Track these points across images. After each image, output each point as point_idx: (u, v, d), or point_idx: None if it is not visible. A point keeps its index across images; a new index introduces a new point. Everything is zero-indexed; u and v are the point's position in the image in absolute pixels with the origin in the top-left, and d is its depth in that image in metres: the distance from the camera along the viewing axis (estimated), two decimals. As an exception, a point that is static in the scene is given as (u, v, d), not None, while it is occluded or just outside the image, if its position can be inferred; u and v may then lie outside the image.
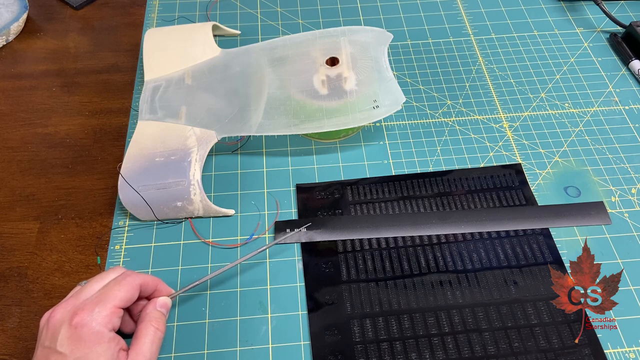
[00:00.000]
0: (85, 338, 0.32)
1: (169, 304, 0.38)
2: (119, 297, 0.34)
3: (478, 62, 0.60)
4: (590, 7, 0.66)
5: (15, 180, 0.50)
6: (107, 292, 0.34)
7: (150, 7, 0.66)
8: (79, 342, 0.32)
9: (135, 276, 0.36)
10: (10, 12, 0.62)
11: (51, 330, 0.33)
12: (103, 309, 0.33)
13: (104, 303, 0.34)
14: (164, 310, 0.37)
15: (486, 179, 0.49)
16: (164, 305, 0.38)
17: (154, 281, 0.38)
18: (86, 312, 0.33)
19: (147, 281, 0.37)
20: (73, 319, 0.32)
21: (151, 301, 0.37)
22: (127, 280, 0.35)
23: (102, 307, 0.33)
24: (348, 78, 0.49)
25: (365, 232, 0.46)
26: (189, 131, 0.48)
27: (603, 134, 0.53)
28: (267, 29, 0.63)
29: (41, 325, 0.34)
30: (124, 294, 0.35)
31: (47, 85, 0.58)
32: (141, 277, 0.37)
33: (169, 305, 0.38)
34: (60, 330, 0.32)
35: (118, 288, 0.35)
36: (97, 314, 0.33)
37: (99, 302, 0.34)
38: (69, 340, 0.32)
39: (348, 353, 0.39)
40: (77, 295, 0.35)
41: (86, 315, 0.33)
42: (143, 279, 0.37)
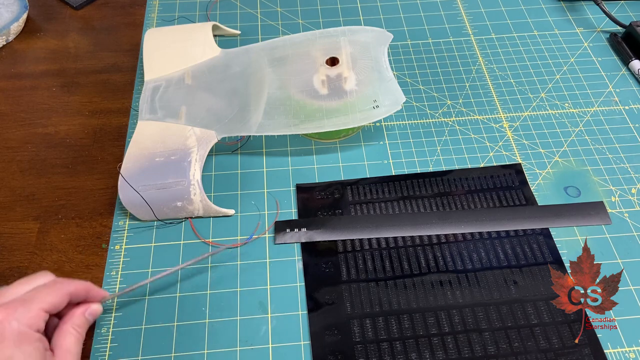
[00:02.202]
0: (9, 338, 0.30)
1: (99, 311, 0.37)
2: (46, 300, 0.33)
3: (478, 62, 0.60)
4: (590, 7, 0.66)
5: (15, 180, 0.50)
6: (34, 295, 0.33)
7: (150, 7, 0.66)
8: (2, 342, 0.30)
9: (67, 283, 0.35)
10: (10, 12, 0.62)
11: None
12: (28, 310, 0.32)
13: (30, 304, 0.32)
14: (91, 318, 0.36)
15: (486, 179, 0.49)
16: (93, 312, 0.36)
17: (85, 289, 0.36)
18: (10, 311, 0.31)
19: (77, 290, 0.35)
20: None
21: (81, 306, 0.36)
22: (57, 287, 0.34)
23: (27, 308, 0.32)
24: (348, 78, 0.49)
25: (365, 232, 0.46)
26: (189, 131, 0.48)
27: (603, 134, 0.53)
28: (267, 29, 0.63)
29: None
30: (52, 299, 0.33)
31: (47, 85, 0.58)
32: (73, 285, 0.35)
33: (99, 312, 0.37)
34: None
35: (47, 292, 0.33)
36: (21, 314, 0.31)
37: (24, 302, 0.32)
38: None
39: (348, 353, 0.39)
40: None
41: (8, 315, 0.31)
42: (75, 287, 0.35)
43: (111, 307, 0.42)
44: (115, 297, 0.39)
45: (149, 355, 0.40)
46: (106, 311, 0.42)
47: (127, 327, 0.41)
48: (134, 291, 0.41)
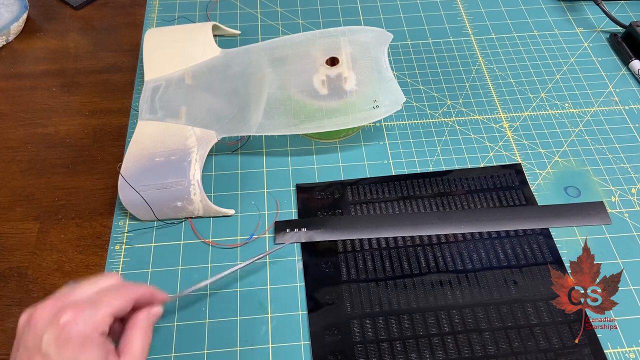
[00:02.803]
0: (74, 340, 0.30)
1: (160, 314, 0.36)
2: (113, 305, 0.32)
3: (478, 62, 0.60)
4: (590, 7, 0.66)
5: (15, 180, 0.50)
6: (101, 298, 0.32)
7: (150, 7, 0.66)
8: (67, 344, 0.29)
9: (133, 288, 0.34)
10: (10, 12, 0.62)
11: (34, 329, 0.30)
12: (94, 314, 0.31)
13: (97, 307, 0.31)
14: (155, 319, 0.36)
15: (486, 179, 0.49)
16: (156, 314, 0.36)
17: (150, 294, 0.36)
18: (77, 313, 0.30)
19: (143, 295, 0.35)
20: (61, 318, 0.30)
21: (144, 309, 0.35)
22: (124, 291, 0.33)
23: (94, 312, 0.31)
24: (348, 78, 0.49)
25: (365, 232, 0.46)
26: (189, 131, 0.48)
27: (603, 134, 0.53)
28: (267, 29, 0.63)
29: (20, 324, 0.31)
30: (119, 304, 0.32)
31: (47, 85, 0.58)
32: (139, 290, 0.35)
33: (160, 315, 0.36)
34: (46, 330, 0.30)
35: (114, 296, 0.33)
36: (88, 317, 0.31)
37: (91, 305, 0.31)
38: (56, 341, 0.29)
39: (348, 353, 0.39)
40: (64, 296, 0.32)
41: (76, 316, 0.30)
42: (141, 292, 0.35)
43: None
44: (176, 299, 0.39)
45: (149, 356, 0.39)
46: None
47: (127, 327, 0.41)
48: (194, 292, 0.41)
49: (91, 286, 0.33)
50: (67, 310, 0.30)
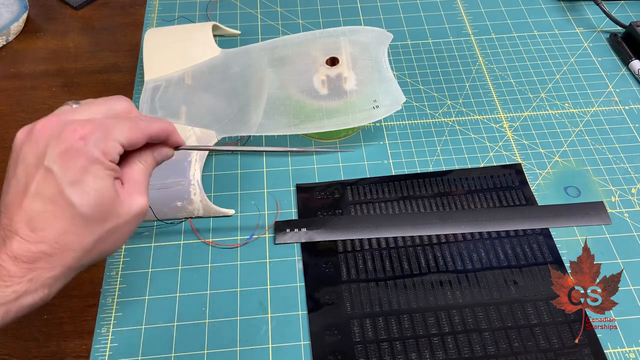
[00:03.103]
0: (82, 158, 0.26)
1: (168, 154, 0.33)
2: (126, 136, 0.28)
3: (478, 62, 0.60)
4: (590, 7, 0.66)
5: (15, 180, 0.50)
6: (114, 124, 0.28)
7: (150, 7, 0.66)
8: (75, 161, 0.26)
9: (149, 124, 0.30)
10: (10, 12, 0.62)
11: (36, 144, 0.27)
12: (105, 138, 0.27)
13: (109, 133, 0.28)
14: (160, 158, 0.32)
15: (486, 179, 0.49)
16: (162, 154, 0.32)
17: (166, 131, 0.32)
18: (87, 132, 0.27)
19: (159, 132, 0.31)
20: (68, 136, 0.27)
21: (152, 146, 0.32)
22: (141, 125, 0.30)
23: (105, 136, 0.27)
24: (348, 78, 0.49)
25: (365, 232, 0.46)
26: (189, 131, 0.48)
27: (603, 134, 0.53)
28: (267, 29, 0.63)
29: (18, 139, 0.28)
30: (132, 136, 0.29)
31: (47, 85, 0.58)
32: (155, 126, 0.31)
33: (168, 155, 0.33)
34: (50, 144, 0.27)
35: (128, 127, 0.29)
36: (99, 140, 0.27)
37: (103, 128, 0.28)
38: (62, 157, 0.26)
39: (348, 353, 0.39)
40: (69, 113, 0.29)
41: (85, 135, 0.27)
42: (157, 130, 0.31)
43: (111, 307, 0.42)
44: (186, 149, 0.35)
45: (149, 355, 0.40)
46: (106, 311, 0.42)
47: (127, 327, 0.41)
48: None
49: (100, 107, 0.30)
50: (76, 127, 0.27)
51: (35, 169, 0.27)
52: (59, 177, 0.26)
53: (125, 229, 0.30)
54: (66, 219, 0.27)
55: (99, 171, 0.27)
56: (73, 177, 0.26)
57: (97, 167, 0.27)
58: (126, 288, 0.43)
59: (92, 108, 0.29)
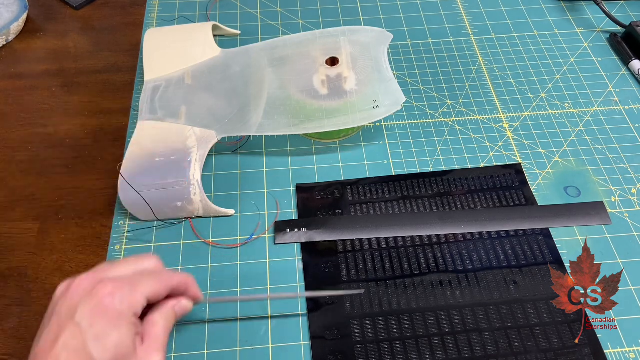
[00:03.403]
0: (109, 315, 0.29)
1: (188, 308, 0.36)
2: (151, 288, 0.32)
3: (478, 62, 0.60)
4: (590, 7, 0.66)
5: (15, 180, 0.50)
6: (141, 279, 0.32)
7: (150, 7, 0.66)
8: (101, 318, 0.29)
9: (172, 276, 0.34)
10: (10, 12, 0.62)
11: (70, 299, 0.30)
12: (132, 293, 0.31)
13: (136, 287, 0.31)
14: (180, 312, 0.35)
15: (486, 179, 0.49)
16: (183, 307, 0.35)
17: (186, 284, 0.35)
18: (116, 289, 0.30)
19: (180, 284, 0.34)
20: (99, 292, 0.30)
21: (173, 299, 0.35)
22: (164, 278, 0.33)
23: (132, 291, 0.31)
24: (348, 78, 0.49)
25: (365, 232, 0.46)
26: (189, 131, 0.48)
27: (603, 134, 0.53)
28: (267, 29, 0.63)
29: (57, 293, 0.31)
30: (157, 288, 0.32)
31: (47, 85, 0.58)
32: (177, 278, 0.34)
33: (188, 309, 0.36)
34: (82, 301, 0.29)
35: (153, 279, 0.32)
36: (126, 294, 0.30)
37: (130, 284, 0.31)
38: (91, 313, 0.29)
39: (348, 353, 0.39)
40: (104, 271, 0.32)
41: (114, 292, 0.30)
42: (178, 281, 0.34)
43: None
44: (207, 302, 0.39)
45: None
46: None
47: (127, 327, 0.41)
48: None
49: (131, 265, 0.33)
50: (107, 284, 0.30)
51: (66, 322, 0.29)
52: (85, 331, 0.29)
53: None
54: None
55: (122, 327, 0.30)
56: (98, 332, 0.29)
57: (121, 321, 0.30)
58: (126, 288, 0.43)
59: (124, 266, 0.33)
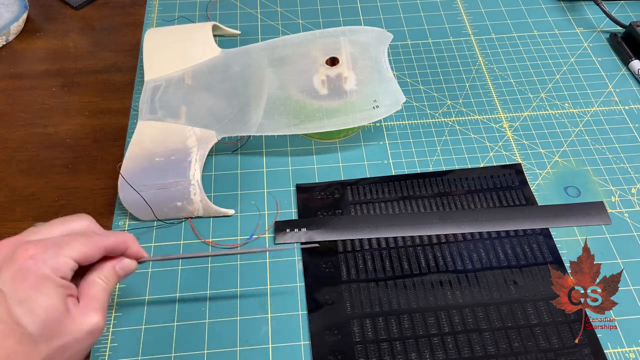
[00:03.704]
0: (31, 278, 0.28)
1: (131, 267, 0.34)
2: (78, 250, 0.30)
3: (478, 62, 0.60)
4: (590, 7, 0.66)
5: (15, 180, 0.50)
6: (67, 240, 0.30)
7: (150, 7, 0.66)
8: (23, 282, 0.28)
9: (106, 236, 0.32)
10: (10, 12, 0.62)
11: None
12: (56, 255, 0.29)
13: (60, 249, 0.29)
14: (122, 272, 0.33)
15: (486, 179, 0.49)
16: (125, 267, 0.33)
17: (125, 243, 0.33)
18: (37, 251, 0.29)
19: (117, 244, 0.33)
20: (19, 255, 0.29)
21: (112, 259, 0.33)
22: (94, 239, 0.31)
23: (56, 252, 0.29)
24: (348, 78, 0.49)
25: (365, 232, 0.46)
26: (189, 131, 0.48)
27: (603, 134, 0.53)
28: (267, 29, 0.63)
29: None
30: (85, 249, 0.30)
31: (47, 85, 0.58)
32: (112, 238, 0.32)
33: (131, 268, 0.34)
34: (3, 266, 0.28)
35: (82, 241, 0.31)
36: (49, 257, 0.29)
37: (54, 245, 0.29)
38: (13, 278, 0.28)
39: (348, 353, 0.39)
40: (28, 234, 0.31)
41: (36, 254, 0.29)
42: (113, 241, 0.32)
43: (111, 307, 0.42)
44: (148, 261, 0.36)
45: (149, 355, 0.40)
46: (106, 311, 0.42)
47: (127, 327, 0.41)
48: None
49: (59, 227, 0.32)
50: (28, 247, 0.29)
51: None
52: (8, 296, 0.27)
53: (77, 347, 0.30)
54: (14, 338, 0.27)
55: (48, 289, 0.28)
56: (22, 296, 0.28)
57: (46, 284, 0.28)
58: (126, 288, 0.43)
59: (50, 229, 0.31)
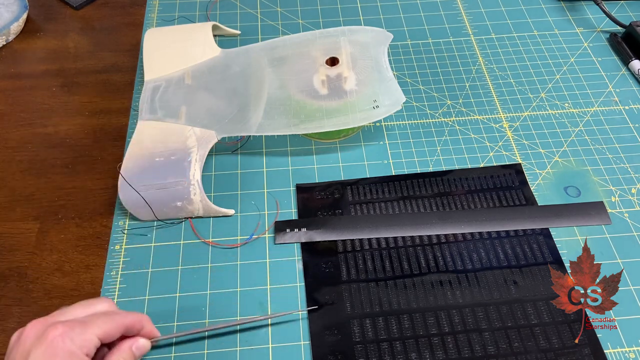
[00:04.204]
0: (60, 355, 0.30)
1: (146, 347, 0.36)
2: (102, 328, 0.33)
3: (478, 62, 0.60)
4: (590, 7, 0.66)
5: (15, 180, 0.50)
6: (91, 319, 0.33)
7: (150, 7, 0.66)
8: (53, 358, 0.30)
9: (125, 315, 0.35)
10: (10, 12, 0.62)
11: (23, 345, 0.31)
12: (83, 333, 0.32)
13: (86, 327, 0.32)
14: (138, 352, 0.36)
15: (486, 179, 0.49)
16: (140, 347, 0.36)
17: (141, 323, 0.36)
18: (66, 330, 0.31)
19: (134, 323, 0.35)
20: (50, 334, 0.31)
21: (129, 339, 0.36)
22: (115, 317, 0.34)
23: (82, 331, 0.32)
24: (348, 78, 0.49)
25: (365, 232, 0.46)
26: (189, 131, 0.48)
27: (603, 134, 0.53)
28: (267, 29, 0.63)
29: (12, 341, 0.32)
30: (108, 328, 0.33)
31: (47, 85, 0.58)
32: (130, 317, 0.35)
33: (146, 348, 0.36)
34: (34, 346, 0.31)
35: (104, 320, 0.33)
36: (77, 335, 0.31)
37: (81, 324, 0.32)
38: (43, 355, 0.30)
39: (348, 353, 0.39)
40: (55, 315, 0.33)
41: (64, 333, 0.31)
42: (131, 320, 0.35)
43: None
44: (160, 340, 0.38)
45: (150, 356, 0.40)
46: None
47: (127, 327, 0.41)
48: None
49: (84, 309, 0.34)
50: (58, 326, 0.31)
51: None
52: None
53: None
54: None
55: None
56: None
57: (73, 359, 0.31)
58: (126, 288, 0.43)
59: (75, 310, 0.34)
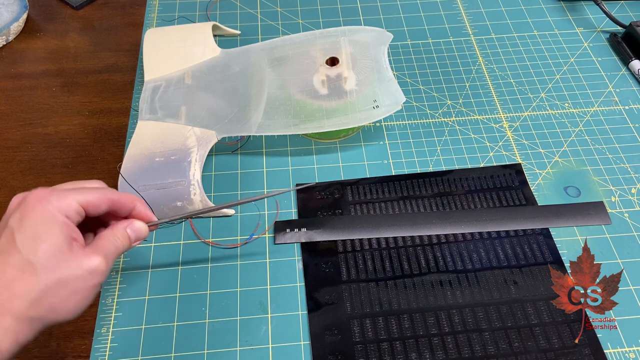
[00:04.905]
0: (36, 215, 0.30)
1: (143, 230, 0.35)
2: (85, 195, 0.32)
3: (478, 62, 0.60)
4: (590, 7, 0.66)
5: (15, 180, 0.50)
6: (74, 189, 0.32)
7: (150, 7, 0.66)
8: (28, 219, 0.30)
9: (113, 191, 0.34)
10: (10, 12, 0.62)
11: (8, 210, 0.32)
12: (63, 197, 0.31)
13: (66, 193, 0.31)
14: (134, 235, 0.34)
15: (486, 179, 0.49)
16: (136, 229, 0.34)
17: (132, 202, 0.34)
18: (44, 194, 0.31)
19: (122, 200, 0.34)
20: (28, 198, 0.31)
21: (124, 220, 0.34)
22: (101, 190, 0.33)
23: (63, 195, 0.31)
24: (348, 78, 0.49)
25: (365, 232, 0.46)
26: (189, 131, 0.48)
27: (603, 134, 0.53)
28: (267, 29, 0.63)
29: None
30: (92, 198, 0.32)
31: (47, 85, 0.58)
32: (119, 194, 0.34)
33: (143, 232, 0.35)
34: (16, 209, 0.31)
35: (88, 191, 0.32)
36: (55, 199, 0.31)
37: (62, 191, 0.31)
38: (20, 215, 0.30)
39: (348, 353, 0.39)
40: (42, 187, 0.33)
41: (44, 196, 0.31)
42: (119, 196, 0.34)
43: (111, 306, 0.42)
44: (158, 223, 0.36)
45: (149, 355, 0.40)
46: (106, 310, 0.42)
47: (127, 327, 0.41)
48: None
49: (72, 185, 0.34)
50: (37, 191, 0.31)
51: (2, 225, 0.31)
52: (15, 230, 0.30)
53: (78, 285, 0.30)
54: (16, 266, 0.29)
55: (52, 224, 0.30)
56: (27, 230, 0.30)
57: (50, 220, 0.30)
58: (126, 288, 0.43)
59: (65, 185, 0.33)
